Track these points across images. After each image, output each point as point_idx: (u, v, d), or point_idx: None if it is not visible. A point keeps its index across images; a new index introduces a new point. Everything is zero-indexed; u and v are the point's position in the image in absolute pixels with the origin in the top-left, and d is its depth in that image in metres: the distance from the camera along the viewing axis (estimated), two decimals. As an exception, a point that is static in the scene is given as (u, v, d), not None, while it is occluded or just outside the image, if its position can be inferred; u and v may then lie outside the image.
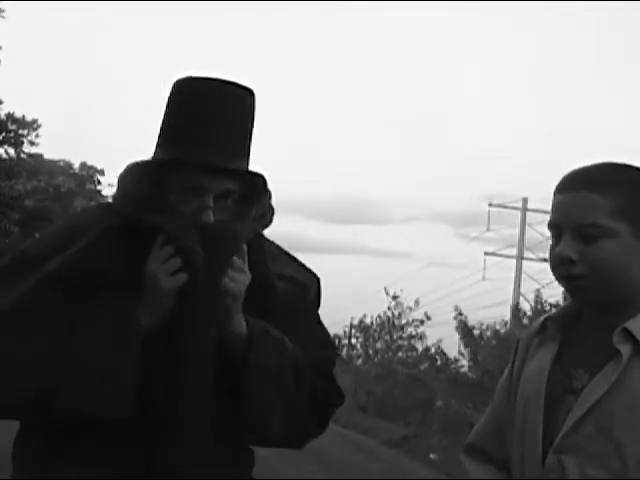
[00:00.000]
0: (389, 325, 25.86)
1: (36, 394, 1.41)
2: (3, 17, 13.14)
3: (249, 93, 1.58)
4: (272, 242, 1.74)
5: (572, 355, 1.51)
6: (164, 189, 1.54)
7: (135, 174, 1.58)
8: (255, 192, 1.62)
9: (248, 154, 1.58)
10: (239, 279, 1.51)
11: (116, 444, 1.46)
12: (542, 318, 1.62)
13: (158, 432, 1.46)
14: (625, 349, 1.42)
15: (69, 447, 1.47)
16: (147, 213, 1.52)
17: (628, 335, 1.43)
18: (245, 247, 1.55)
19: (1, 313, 1.46)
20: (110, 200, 1.67)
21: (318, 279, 1.77)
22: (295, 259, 1.77)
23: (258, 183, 1.62)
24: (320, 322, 1.77)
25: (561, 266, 1.48)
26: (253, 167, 1.60)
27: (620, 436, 1.39)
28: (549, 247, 1.53)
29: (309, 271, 1.76)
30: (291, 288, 1.66)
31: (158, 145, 1.57)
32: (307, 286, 1.72)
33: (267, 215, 1.65)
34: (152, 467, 1.46)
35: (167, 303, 1.48)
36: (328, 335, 1.78)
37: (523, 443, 1.52)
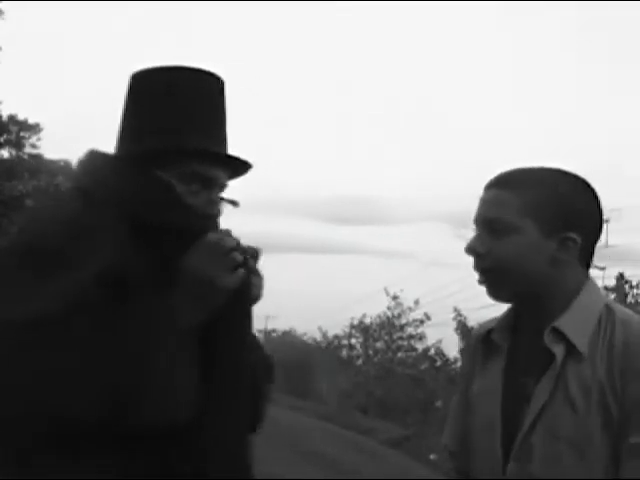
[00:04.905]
0: (389, 325, 25.85)
1: (109, 406, 1.27)
2: (3, 19, 13.13)
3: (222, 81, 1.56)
4: None
5: (519, 363, 1.53)
6: (166, 181, 1.45)
7: (120, 166, 1.47)
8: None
9: None
10: (259, 284, 1.49)
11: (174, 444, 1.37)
12: (485, 329, 1.63)
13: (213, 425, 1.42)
14: (558, 349, 1.44)
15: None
16: (163, 212, 1.43)
17: (559, 334, 1.45)
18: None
19: (48, 317, 1.27)
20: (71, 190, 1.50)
21: None
22: None
23: (240, 175, 1.59)
24: None
25: (474, 259, 1.52)
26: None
27: (569, 435, 1.41)
28: None
29: None
30: None
31: (140, 136, 1.48)
32: None
33: None
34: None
35: (219, 301, 1.39)
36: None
37: (485, 455, 1.54)
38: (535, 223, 1.46)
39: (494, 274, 1.50)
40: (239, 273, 1.39)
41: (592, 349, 1.43)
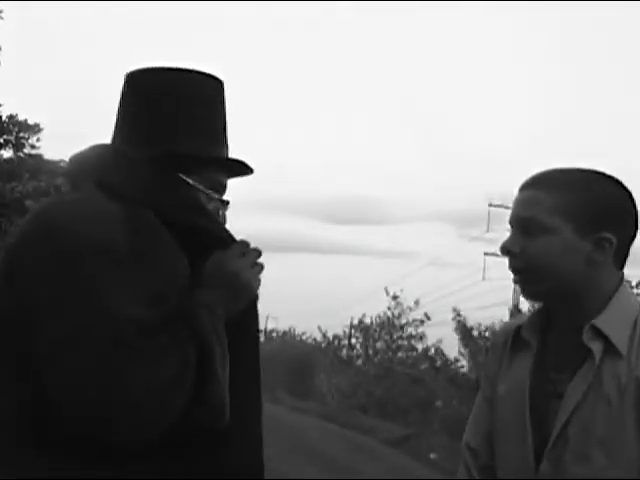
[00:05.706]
0: (389, 325, 25.85)
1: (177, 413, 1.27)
2: (2, 18, 13.14)
3: None
4: None
5: (550, 360, 1.54)
6: (192, 186, 1.48)
7: (147, 168, 1.45)
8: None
9: None
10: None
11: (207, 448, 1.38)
12: (515, 325, 1.64)
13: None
14: (596, 346, 1.46)
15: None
16: (193, 216, 1.44)
17: (597, 332, 1.47)
18: None
19: (140, 320, 1.25)
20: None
21: None
22: None
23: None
24: None
25: (508, 259, 1.54)
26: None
27: (602, 433, 1.43)
28: None
29: None
30: None
31: (160, 140, 1.47)
32: None
33: None
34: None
35: (245, 305, 1.43)
36: None
37: (514, 453, 1.54)
38: (569, 224, 1.48)
39: (527, 273, 1.52)
40: (261, 278, 1.46)
41: (628, 349, 1.46)
